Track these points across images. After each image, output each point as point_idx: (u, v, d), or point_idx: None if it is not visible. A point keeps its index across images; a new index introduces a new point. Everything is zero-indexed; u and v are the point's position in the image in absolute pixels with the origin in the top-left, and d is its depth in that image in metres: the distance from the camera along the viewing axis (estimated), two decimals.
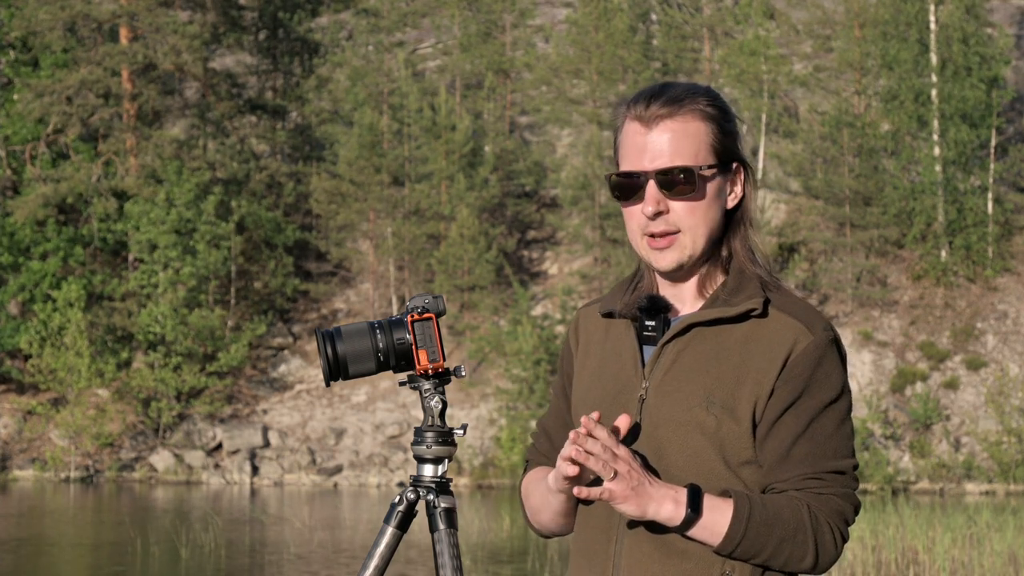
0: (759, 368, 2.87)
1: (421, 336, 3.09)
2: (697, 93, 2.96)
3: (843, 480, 2.88)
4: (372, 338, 3.10)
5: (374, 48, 54.71)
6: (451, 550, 3.06)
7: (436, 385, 3.10)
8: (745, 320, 2.91)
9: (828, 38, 52.99)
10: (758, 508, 2.82)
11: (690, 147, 2.93)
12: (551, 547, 22.28)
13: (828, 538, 2.85)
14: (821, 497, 2.86)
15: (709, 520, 2.82)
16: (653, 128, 2.94)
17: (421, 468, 3.10)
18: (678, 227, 2.93)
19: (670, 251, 2.94)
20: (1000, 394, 43.65)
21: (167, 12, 51.56)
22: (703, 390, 2.88)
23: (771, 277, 2.98)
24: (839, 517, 2.87)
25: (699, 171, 2.92)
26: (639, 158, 2.94)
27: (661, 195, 2.92)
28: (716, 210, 2.95)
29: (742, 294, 2.92)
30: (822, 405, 2.88)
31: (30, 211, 48.88)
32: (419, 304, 3.11)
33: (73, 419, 45.76)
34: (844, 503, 2.87)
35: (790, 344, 2.88)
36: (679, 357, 2.92)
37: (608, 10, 51.56)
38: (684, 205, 2.92)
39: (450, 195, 50.12)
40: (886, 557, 16.54)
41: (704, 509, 2.82)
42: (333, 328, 3.12)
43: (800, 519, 2.83)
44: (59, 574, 21.01)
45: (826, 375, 2.88)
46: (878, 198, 48.29)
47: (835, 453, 2.88)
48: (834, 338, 2.91)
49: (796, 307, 2.93)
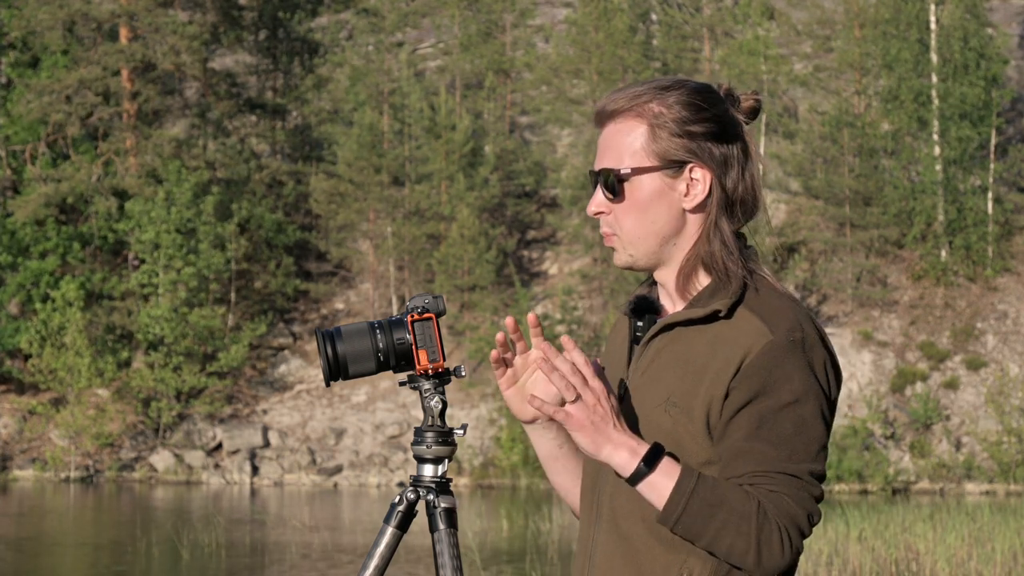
0: (718, 369, 2.84)
1: (421, 336, 3.09)
2: (661, 92, 2.93)
3: (797, 484, 2.78)
4: (372, 338, 3.10)
5: (374, 48, 54.71)
6: (451, 550, 3.06)
7: (436, 385, 3.10)
8: (714, 321, 2.89)
9: (828, 38, 52.99)
10: (705, 488, 2.77)
11: (622, 150, 2.92)
12: (550, 547, 22.30)
13: (775, 538, 2.75)
14: (772, 495, 2.77)
15: (658, 481, 2.78)
16: (603, 128, 2.97)
17: (421, 468, 3.10)
18: (614, 229, 2.95)
19: (615, 252, 2.97)
20: (1000, 394, 43.65)
21: (167, 12, 51.57)
22: (666, 391, 2.88)
23: (757, 276, 2.93)
24: (789, 520, 2.76)
25: (619, 174, 2.91)
26: (596, 156, 3.00)
27: (604, 196, 2.94)
28: (659, 212, 2.92)
29: (719, 295, 2.90)
30: (779, 406, 2.80)
31: (31, 211, 48.90)
32: (419, 304, 3.10)
33: (73, 419, 45.76)
34: (796, 508, 2.77)
35: (748, 345, 2.84)
36: (656, 357, 2.93)
37: (608, 10, 51.57)
38: (618, 207, 2.93)
39: (450, 195, 50.12)
40: (886, 557, 16.54)
41: (658, 468, 2.78)
42: (333, 328, 3.12)
43: (746, 510, 2.75)
44: (60, 574, 21.01)
45: (786, 376, 2.81)
46: (878, 198, 48.30)
47: (791, 456, 2.79)
48: (802, 339, 2.84)
49: (765, 307, 2.88)
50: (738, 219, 2.97)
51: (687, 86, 2.95)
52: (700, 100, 2.93)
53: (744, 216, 2.98)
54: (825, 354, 2.88)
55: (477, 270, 48.82)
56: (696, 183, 2.93)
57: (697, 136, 2.92)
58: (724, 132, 2.94)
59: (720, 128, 2.94)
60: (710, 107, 2.93)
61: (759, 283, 2.92)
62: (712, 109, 2.94)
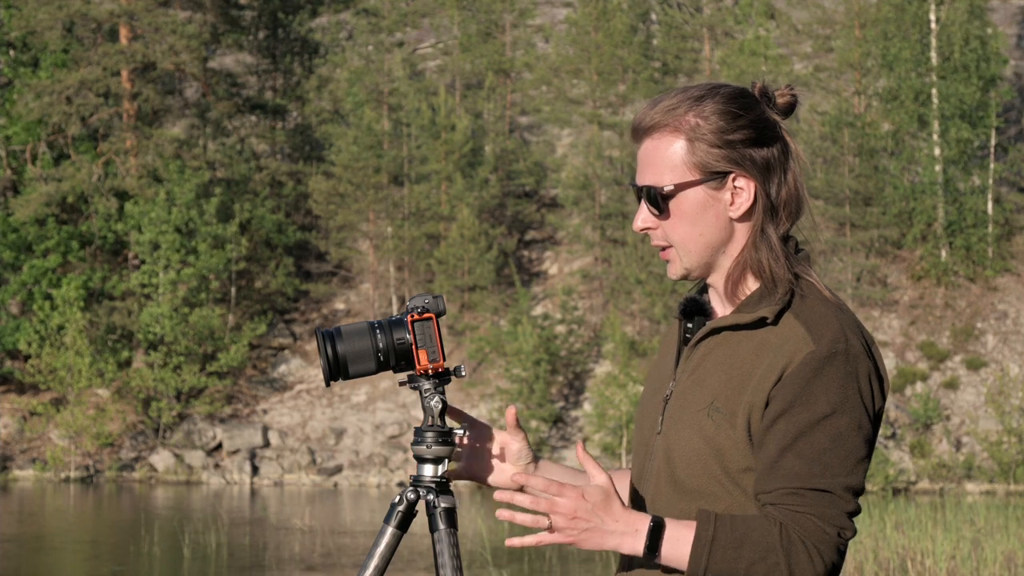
0: (761, 376, 2.84)
1: (421, 336, 3.09)
2: (696, 103, 2.91)
3: (828, 500, 2.77)
4: (372, 338, 3.09)
5: (374, 48, 54.70)
6: (451, 550, 3.06)
7: (436, 385, 3.10)
8: (761, 327, 2.89)
9: (828, 38, 52.99)
10: (724, 530, 2.76)
11: (662, 165, 2.92)
12: (549, 548, 22.24)
13: (804, 558, 2.73)
14: (797, 516, 2.76)
15: (670, 552, 2.78)
16: (640, 143, 2.96)
17: (421, 468, 3.10)
18: (669, 242, 2.95)
19: (670, 265, 2.96)
20: (1000, 394, 43.64)
21: (166, 12, 51.56)
22: (711, 395, 2.87)
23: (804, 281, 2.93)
24: (816, 538, 2.75)
25: (663, 192, 2.90)
26: (637, 171, 2.99)
27: (648, 212, 2.94)
28: (706, 224, 2.92)
29: (766, 300, 2.90)
30: (816, 419, 2.78)
31: (32, 210, 48.92)
32: (419, 304, 3.10)
33: (73, 419, 45.75)
34: (823, 524, 2.76)
35: (791, 354, 2.83)
36: (703, 361, 2.92)
37: (608, 10, 51.56)
38: (666, 223, 2.93)
39: (450, 195, 50.11)
40: (886, 557, 16.54)
41: (664, 543, 2.79)
42: (333, 328, 3.11)
43: (771, 540, 2.74)
44: (59, 574, 21.00)
45: (824, 388, 2.79)
46: (878, 198, 48.30)
47: (824, 471, 2.77)
48: (845, 350, 2.82)
49: (811, 315, 2.87)
50: (784, 221, 2.99)
51: (721, 93, 2.93)
52: (736, 107, 2.92)
53: (790, 217, 3.00)
54: (870, 365, 2.87)
55: (477, 270, 48.81)
56: (740, 192, 2.93)
57: (736, 144, 2.91)
58: (763, 136, 2.94)
59: (758, 133, 2.93)
60: (746, 112, 2.92)
61: (807, 289, 2.93)
62: (749, 114, 2.93)
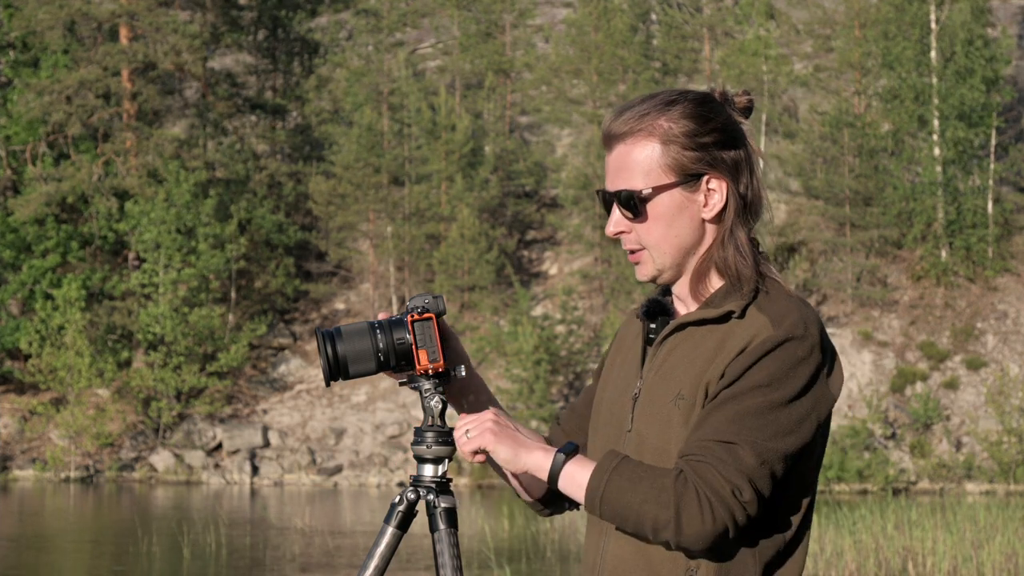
0: (721, 358, 2.91)
1: (421, 336, 3.09)
2: (665, 108, 2.98)
3: (730, 451, 2.80)
4: (372, 338, 3.10)
5: (374, 48, 54.70)
6: (451, 550, 3.06)
7: (436, 385, 3.11)
8: (727, 320, 2.94)
9: (828, 38, 52.99)
10: (627, 465, 2.84)
11: (639, 170, 2.97)
12: (549, 548, 22.31)
13: (694, 507, 2.78)
14: (700, 465, 2.79)
15: (577, 470, 2.89)
16: (612, 148, 3.01)
17: (421, 468, 3.10)
18: (642, 244, 3.00)
19: (641, 267, 3.02)
20: (1000, 394, 43.64)
21: (167, 12, 51.56)
22: (677, 387, 2.94)
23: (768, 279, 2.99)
24: (709, 488, 2.78)
25: (640, 195, 2.96)
26: (606, 177, 3.04)
27: (622, 217, 3.00)
28: (681, 225, 2.98)
29: (733, 296, 2.96)
30: (750, 387, 2.84)
31: (32, 210, 48.92)
32: (419, 304, 3.11)
33: (73, 419, 45.75)
34: (718, 476, 2.78)
35: (751, 336, 2.89)
36: (668, 357, 2.98)
37: (608, 10, 51.56)
38: (640, 226, 2.99)
39: (450, 195, 50.11)
40: (887, 557, 16.54)
41: (575, 459, 2.90)
42: (333, 328, 3.12)
43: (666, 482, 2.80)
44: (60, 574, 21.01)
45: (769, 364, 2.85)
46: (878, 198, 48.30)
47: (739, 430, 2.81)
48: (802, 336, 2.88)
49: (775, 308, 2.93)
50: (749, 221, 3.03)
51: (688, 98, 3.00)
52: (704, 111, 2.98)
53: (753, 217, 3.04)
54: (821, 359, 2.91)
55: (477, 270, 48.81)
56: (713, 193, 2.99)
57: (709, 147, 2.97)
58: (731, 138, 3.00)
59: (727, 135, 2.99)
60: (714, 116, 2.99)
61: (770, 286, 2.99)
62: (717, 118, 2.99)
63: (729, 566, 2.88)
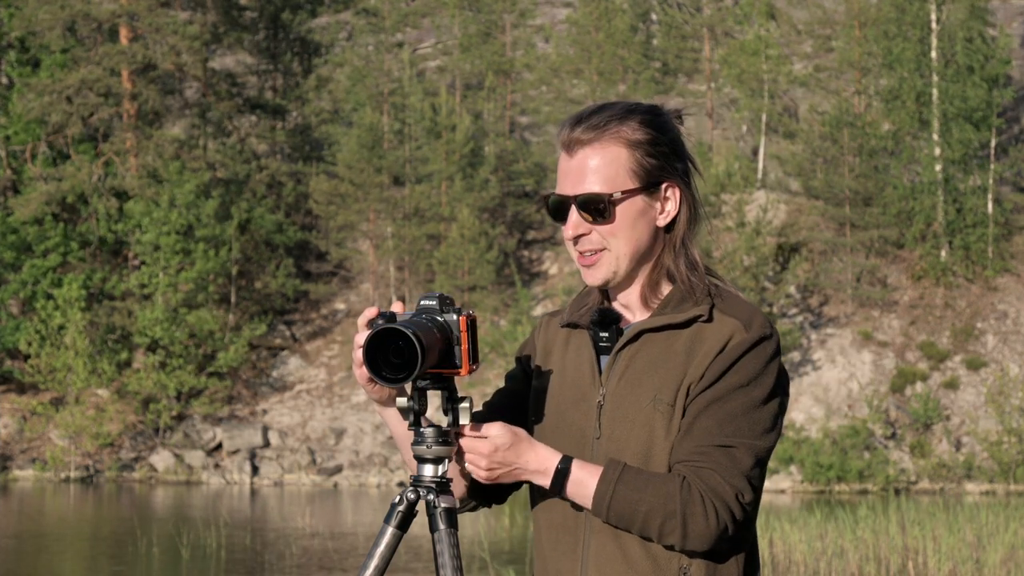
0: (699, 360, 2.99)
1: (471, 339, 3.00)
2: (625, 117, 3.04)
3: (729, 455, 2.92)
4: (434, 335, 2.94)
5: (374, 48, 54.71)
6: (451, 550, 3.05)
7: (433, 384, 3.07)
8: (691, 325, 3.03)
9: (828, 38, 53.00)
10: (631, 473, 2.92)
11: (606, 174, 3.03)
12: None
13: (699, 512, 2.89)
14: (701, 471, 2.91)
15: (582, 477, 2.95)
16: (574, 154, 3.06)
17: (421, 468, 3.09)
18: (603, 246, 3.05)
19: (596, 268, 3.06)
20: (1000, 394, 43.64)
21: (167, 12, 51.56)
22: (652, 390, 3.00)
23: (717, 286, 3.08)
24: (713, 492, 2.90)
25: (610, 199, 3.02)
26: (563, 183, 3.07)
27: (582, 219, 3.04)
28: (641, 230, 3.05)
29: (689, 302, 3.04)
30: (733, 387, 2.95)
31: (32, 210, 48.91)
32: (431, 303, 3.02)
33: (73, 419, 45.75)
34: (721, 481, 2.91)
35: (727, 337, 2.99)
36: (631, 363, 3.04)
37: (608, 10, 51.57)
38: (604, 229, 3.03)
39: (450, 195, 50.12)
40: (887, 557, 16.54)
41: (576, 466, 2.95)
42: (399, 321, 2.89)
43: (671, 490, 2.90)
44: (60, 574, 21.01)
45: (746, 365, 2.97)
46: (878, 198, 48.29)
47: (733, 432, 2.93)
48: (770, 335, 3.00)
49: (738, 309, 3.03)
50: (693, 230, 3.12)
51: (642, 108, 3.09)
52: (660, 121, 3.08)
53: (697, 227, 3.13)
54: (778, 358, 3.05)
55: (477, 270, 48.83)
56: (668, 201, 3.08)
57: (667, 155, 3.07)
58: (682, 149, 3.10)
59: (679, 146, 3.10)
60: (668, 127, 3.09)
61: (722, 291, 3.08)
62: (670, 128, 3.09)
63: (717, 564, 2.98)
